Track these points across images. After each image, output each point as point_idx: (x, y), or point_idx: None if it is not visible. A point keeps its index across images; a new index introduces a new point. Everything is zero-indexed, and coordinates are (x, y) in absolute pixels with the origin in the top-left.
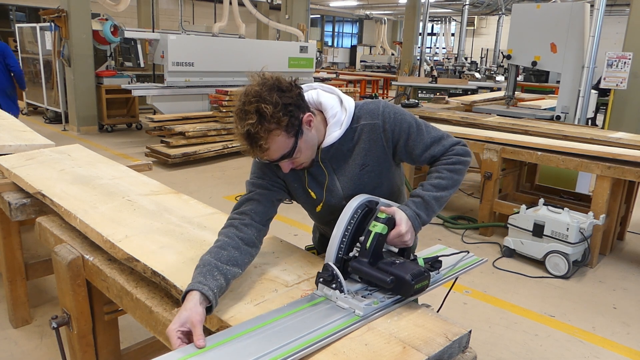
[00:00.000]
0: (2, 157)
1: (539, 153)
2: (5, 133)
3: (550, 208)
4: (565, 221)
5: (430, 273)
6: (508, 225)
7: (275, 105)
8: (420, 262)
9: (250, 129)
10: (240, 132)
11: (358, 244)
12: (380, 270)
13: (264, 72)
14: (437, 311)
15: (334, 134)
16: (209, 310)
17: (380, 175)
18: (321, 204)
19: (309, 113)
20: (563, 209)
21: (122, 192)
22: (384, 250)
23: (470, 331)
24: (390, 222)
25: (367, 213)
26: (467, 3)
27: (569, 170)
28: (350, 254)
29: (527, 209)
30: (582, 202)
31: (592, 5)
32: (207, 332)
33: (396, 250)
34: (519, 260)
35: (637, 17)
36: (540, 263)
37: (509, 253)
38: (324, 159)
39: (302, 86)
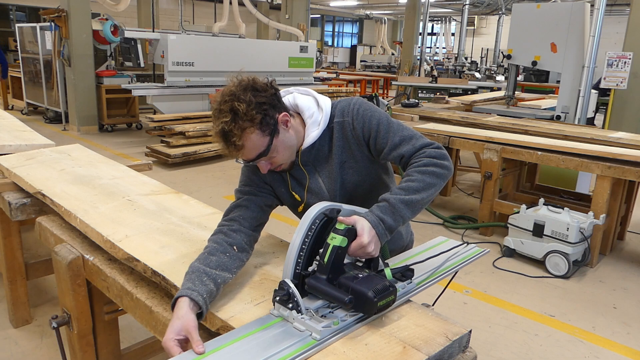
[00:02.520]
0: (2, 157)
1: (539, 153)
2: (5, 133)
3: (551, 208)
4: (566, 221)
5: (402, 283)
6: (508, 225)
7: (249, 104)
8: (388, 273)
9: (224, 127)
10: (216, 131)
11: (319, 257)
12: (340, 286)
13: (241, 73)
14: (433, 304)
15: (312, 134)
16: (199, 316)
17: (361, 172)
18: (302, 206)
19: (285, 113)
20: (563, 208)
21: (122, 192)
22: (348, 261)
23: (470, 331)
24: (351, 233)
25: (327, 223)
26: (467, 3)
27: (569, 170)
28: (310, 269)
29: (527, 208)
30: (582, 202)
31: (592, 5)
32: (207, 332)
33: (363, 260)
34: (519, 260)
35: (637, 17)
36: (540, 263)
37: (509, 253)
38: (306, 161)
39: (280, 91)
